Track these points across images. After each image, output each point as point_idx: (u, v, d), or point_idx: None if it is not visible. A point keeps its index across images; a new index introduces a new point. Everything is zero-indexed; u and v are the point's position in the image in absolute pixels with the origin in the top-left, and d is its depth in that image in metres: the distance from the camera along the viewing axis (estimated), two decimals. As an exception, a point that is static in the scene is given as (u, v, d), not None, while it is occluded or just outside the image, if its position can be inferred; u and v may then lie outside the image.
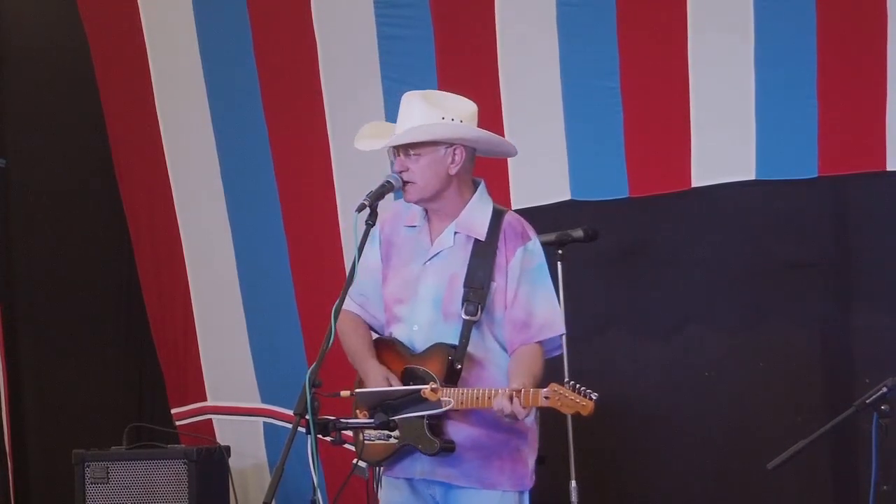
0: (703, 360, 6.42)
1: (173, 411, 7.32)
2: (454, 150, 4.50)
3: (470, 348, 4.42)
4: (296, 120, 6.90)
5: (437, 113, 4.48)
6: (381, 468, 4.55)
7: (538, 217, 6.33)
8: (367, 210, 4.34)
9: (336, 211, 6.84)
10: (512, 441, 4.49)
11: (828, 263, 6.32)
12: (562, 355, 5.47)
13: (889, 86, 5.87)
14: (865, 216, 6.26)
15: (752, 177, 6.12)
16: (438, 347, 4.43)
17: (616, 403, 6.41)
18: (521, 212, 6.41)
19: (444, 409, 4.31)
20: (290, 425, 4.11)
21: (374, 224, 4.37)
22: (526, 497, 4.54)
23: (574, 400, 4.21)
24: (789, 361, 6.31)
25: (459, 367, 4.38)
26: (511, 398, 4.22)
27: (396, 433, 4.39)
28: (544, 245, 5.87)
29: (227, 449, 6.66)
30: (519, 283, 4.49)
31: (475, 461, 4.44)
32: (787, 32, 6.03)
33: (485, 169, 6.51)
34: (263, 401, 7.14)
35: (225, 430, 7.20)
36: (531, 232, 4.62)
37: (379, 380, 4.44)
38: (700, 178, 6.21)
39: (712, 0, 6.13)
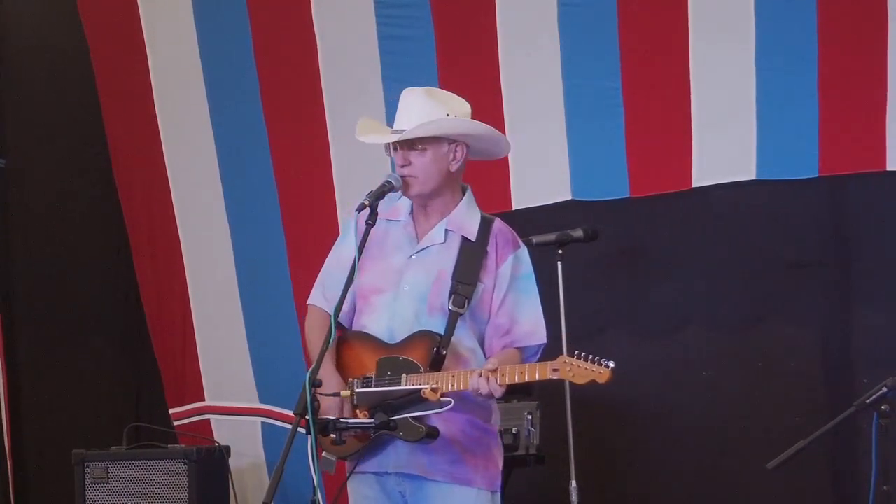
0: (703, 359, 6.42)
1: (171, 411, 7.30)
2: (456, 147, 4.51)
3: (453, 340, 4.41)
4: (296, 120, 6.90)
5: (442, 109, 4.49)
6: (348, 462, 4.48)
7: (539, 217, 6.36)
8: (368, 210, 4.35)
9: (335, 211, 6.84)
10: (485, 440, 4.47)
11: (828, 263, 6.32)
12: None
13: (889, 86, 5.89)
14: (866, 216, 6.27)
15: (752, 177, 6.13)
16: (422, 335, 4.41)
17: (616, 403, 6.41)
18: (521, 212, 6.47)
19: (444, 409, 4.27)
20: (288, 425, 4.11)
21: (374, 224, 4.37)
22: (498, 497, 4.52)
23: (587, 368, 4.18)
24: (789, 361, 6.32)
25: (444, 353, 4.37)
26: (487, 378, 4.22)
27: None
28: (544, 245, 5.91)
29: (227, 449, 6.66)
30: (507, 290, 4.49)
31: (450, 456, 4.40)
32: (787, 32, 6.04)
33: (486, 169, 6.53)
34: (262, 401, 7.13)
35: (223, 430, 7.18)
36: (520, 241, 4.62)
37: (334, 388, 4.37)
38: (701, 178, 6.22)
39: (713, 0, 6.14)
